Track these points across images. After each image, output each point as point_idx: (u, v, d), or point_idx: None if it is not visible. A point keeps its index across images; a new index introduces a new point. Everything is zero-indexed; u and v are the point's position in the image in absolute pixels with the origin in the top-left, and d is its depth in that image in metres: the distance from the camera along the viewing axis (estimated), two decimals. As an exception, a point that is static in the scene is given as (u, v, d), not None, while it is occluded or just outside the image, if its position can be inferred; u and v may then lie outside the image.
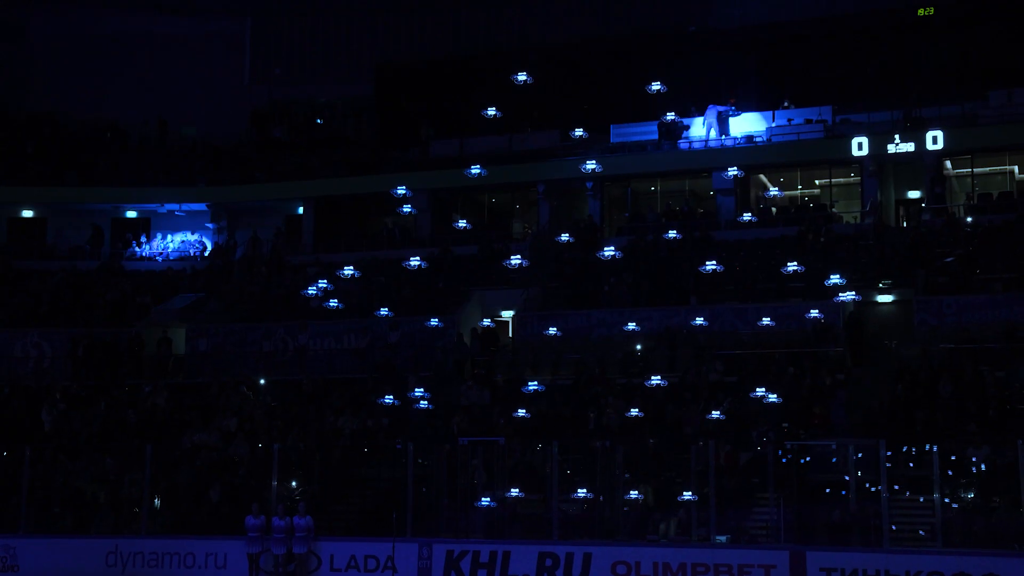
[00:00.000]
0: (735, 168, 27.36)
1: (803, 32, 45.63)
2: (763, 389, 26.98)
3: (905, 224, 41.99)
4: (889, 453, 25.01)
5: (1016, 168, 41.83)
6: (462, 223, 30.27)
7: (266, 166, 48.61)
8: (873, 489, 24.81)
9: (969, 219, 38.25)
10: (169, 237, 47.94)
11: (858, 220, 40.46)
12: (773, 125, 43.17)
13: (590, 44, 47.57)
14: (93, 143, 50.53)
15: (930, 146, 39.63)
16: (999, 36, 43.24)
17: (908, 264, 35.90)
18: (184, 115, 50.53)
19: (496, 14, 50.58)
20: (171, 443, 32.77)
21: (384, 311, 31.16)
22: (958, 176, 42.22)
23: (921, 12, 44.63)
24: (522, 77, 24.05)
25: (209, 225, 47.89)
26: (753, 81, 44.72)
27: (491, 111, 25.91)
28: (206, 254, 46.70)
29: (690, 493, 25.81)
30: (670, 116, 26.71)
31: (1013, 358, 30.51)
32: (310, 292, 28.53)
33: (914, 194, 42.80)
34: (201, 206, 48.16)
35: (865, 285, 35.58)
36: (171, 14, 51.84)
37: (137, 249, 47.39)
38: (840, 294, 27.21)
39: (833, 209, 41.78)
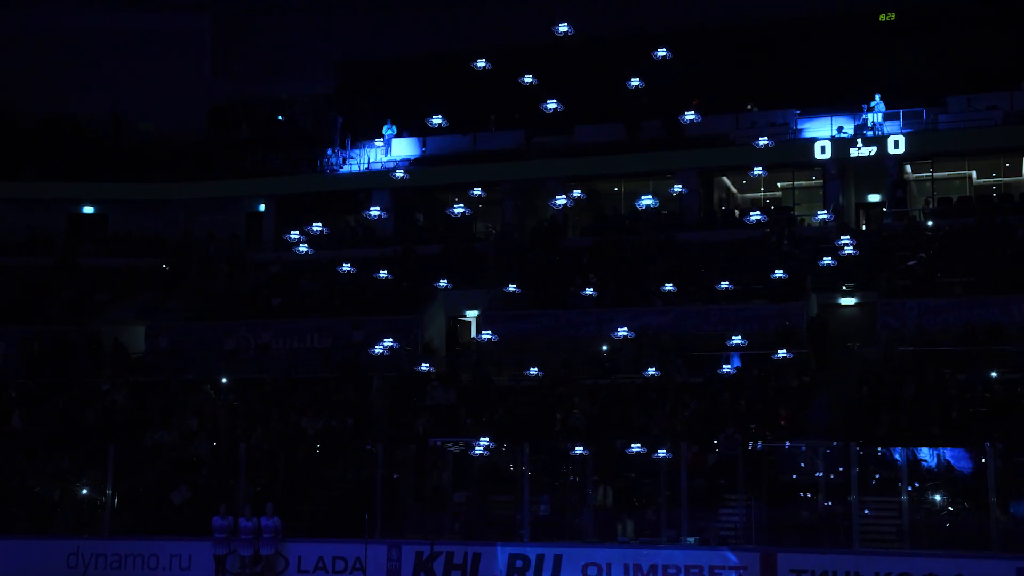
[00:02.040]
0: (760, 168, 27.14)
1: (766, 35, 45.87)
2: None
3: (864, 227, 42.37)
4: (859, 462, 25.16)
5: (974, 173, 42.30)
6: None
7: (226, 163, 48.15)
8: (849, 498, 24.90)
9: (930, 223, 38.59)
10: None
11: (821, 223, 40.65)
12: (737, 128, 43.29)
13: (554, 45, 47.37)
14: (49, 138, 49.77)
15: (892, 150, 39.96)
16: (958, 42, 43.68)
17: (871, 267, 36.13)
18: (143, 111, 49.85)
19: (458, 13, 50.33)
20: (131, 442, 32.37)
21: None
22: (917, 180, 42.60)
23: (882, 18, 45.04)
24: (528, 79, 23.63)
25: None
26: (718, 83, 44.91)
27: (436, 119, 25.39)
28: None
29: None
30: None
31: (974, 361, 30.86)
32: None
33: (874, 197, 43.15)
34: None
35: (828, 287, 35.97)
36: (130, 9, 51.13)
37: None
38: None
39: (795, 212, 42.03)
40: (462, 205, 26.19)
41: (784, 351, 28.62)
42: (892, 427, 28.22)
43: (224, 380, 36.06)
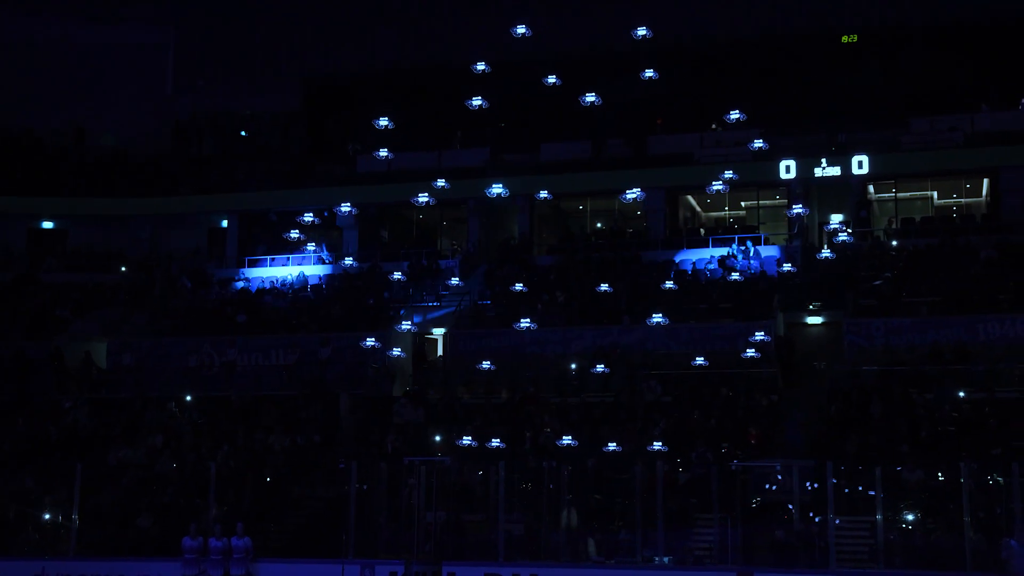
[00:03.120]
0: (721, 183, 27.28)
1: (730, 55, 46.21)
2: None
3: (827, 247, 42.61)
4: (835, 480, 25.28)
5: (936, 194, 42.79)
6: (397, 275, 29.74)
7: (190, 178, 47.78)
8: (817, 518, 25.01)
9: (894, 243, 38.97)
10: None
11: (785, 242, 41.00)
12: (702, 147, 43.53)
13: (521, 63, 47.53)
14: (8, 152, 49.20)
15: (856, 170, 40.34)
16: (920, 65, 44.24)
17: (836, 287, 36.41)
18: (105, 125, 49.51)
19: (424, 31, 50.44)
20: (95, 460, 31.96)
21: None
22: (880, 200, 43.02)
23: (845, 39, 45.59)
24: (476, 101, 23.93)
25: None
26: (681, 102, 45.14)
27: (383, 121, 25.34)
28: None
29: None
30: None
31: (941, 380, 31.14)
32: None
33: (837, 217, 43.48)
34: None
35: (795, 307, 36.19)
36: (92, 23, 50.72)
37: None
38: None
39: (759, 231, 42.30)
40: (426, 195, 25.76)
41: (752, 350, 28.87)
42: (861, 446, 28.42)
43: (189, 397, 35.73)
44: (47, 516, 30.33)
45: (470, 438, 28.70)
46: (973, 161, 40.76)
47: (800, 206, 33.65)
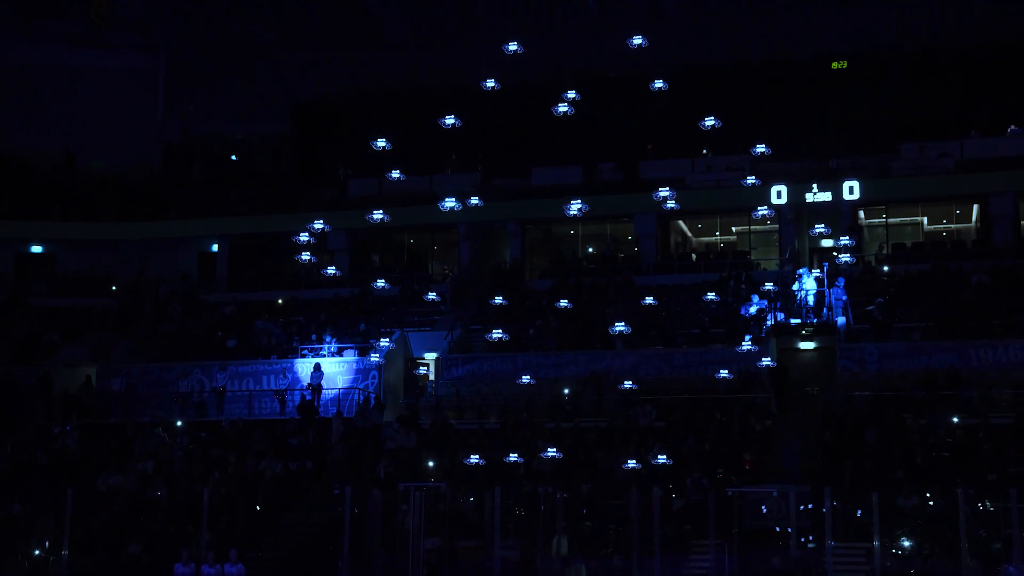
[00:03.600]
0: (767, 208, 26.97)
1: (719, 81, 46.27)
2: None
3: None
4: (834, 505, 25.24)
5: (926, 219, 42.92)
6: (381, 282, 29.69)
7: (180, 202, 47.65)
8: (811, 544, 24.94)
9: (886, 268, 39.03)
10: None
11: (777, 267, 41.03)
12: (693, 172, 43.60)
13: (512, 87, 47.61)
14: (-3, 175, 49.12)
15: (847, 196, 40.40)
16: (909, 91, 44.39)
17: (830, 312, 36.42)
18: (95, 149, 49.29)
19: (414, 55, 50.40)
20: (85, 486, 31.72)
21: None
22: (870, 226, 43.12)
23: (835, 65, 45.75)
24: (450, 121, 23.84)
25: None
26: (672, 126, 45.14)
27: (381, 142, 24.91)
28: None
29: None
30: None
31: (934, 405, 31.14)
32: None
33: (827, 243, 43.53)
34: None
35: (787, 332, 36.18)
36: (83, 47, 50.62)
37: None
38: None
39: (751, 256, 42.36)
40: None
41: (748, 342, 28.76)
42: (856, 472, 28.38)
43: (179, 423, 35.54)
44: (36, 543, 30.01)
45: (477, 456, 28.38)
46: (963, 187, 40.91)
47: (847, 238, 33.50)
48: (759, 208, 24.96)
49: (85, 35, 50.99)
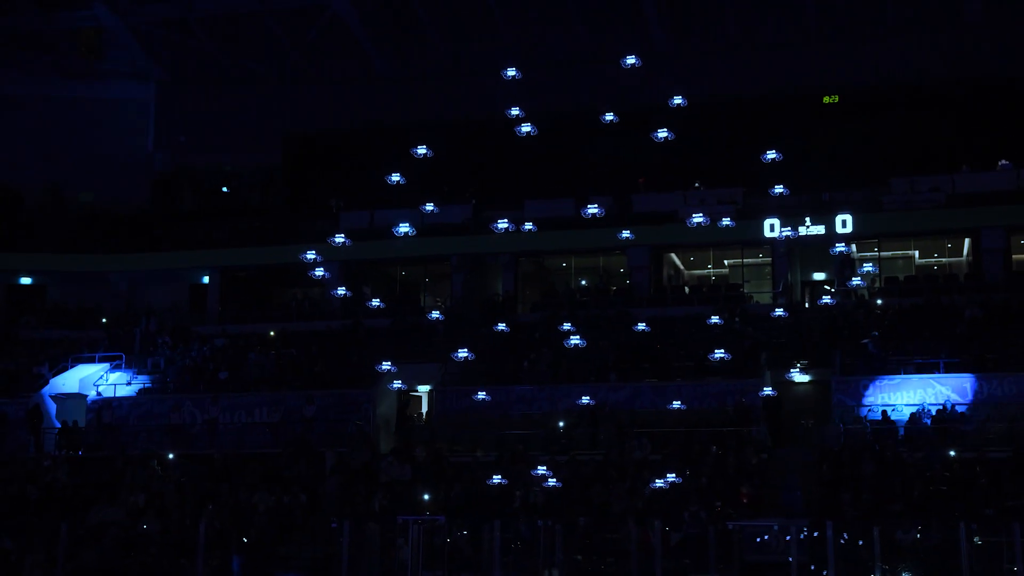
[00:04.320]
0: (844, 245, 26.98)
1: (712, 115, 46.37)
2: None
3: (807, 305, 42.73)
4: (818, 533, 25.13)
5: (917, 253, 43.06)
6: (375, 301, 29.62)
7: (170, 234, 47.51)
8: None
9: (879, 301, 39.09)
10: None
11: (770, 300, 41.06)
12: (686, 205, 43.62)
13: (500, 121, 47.75)
14: (-15, 207, 48.91)
15: (840, 229, 40.49)
16: (900, 125, 44.66)
17: (823, 345, 36.43)
18: (85, 181, 49.20)
19: (405, 88, 50.44)
20: (76, 520, 31.39)
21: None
22: (862, 259, 43.20)
23: (826, 100, 45.96)
24: (421, 151, 23.92)
25: None
26: (663, 161, 45.23)
27: (395, 177, 25.07)
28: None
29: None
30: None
31: (930, 439, 31.13)
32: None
33: (819, 275, 43.69)
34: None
35: (782, 364, 36.16)
36: (73, 78, 50.54)
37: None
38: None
39: (744, 289, 42.39)
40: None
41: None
42: (855, 505, 28.31)
43: (171, 455, 35.25)
44: (28, 577, 29.66)
45: (500, 476, 28.15)
46: (954, 221, 41.15)
47: (843, 246, 33.62)
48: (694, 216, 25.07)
49: (75, 66, 50.95)
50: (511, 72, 22.50)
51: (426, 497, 31.21)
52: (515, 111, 22.58)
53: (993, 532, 25.11)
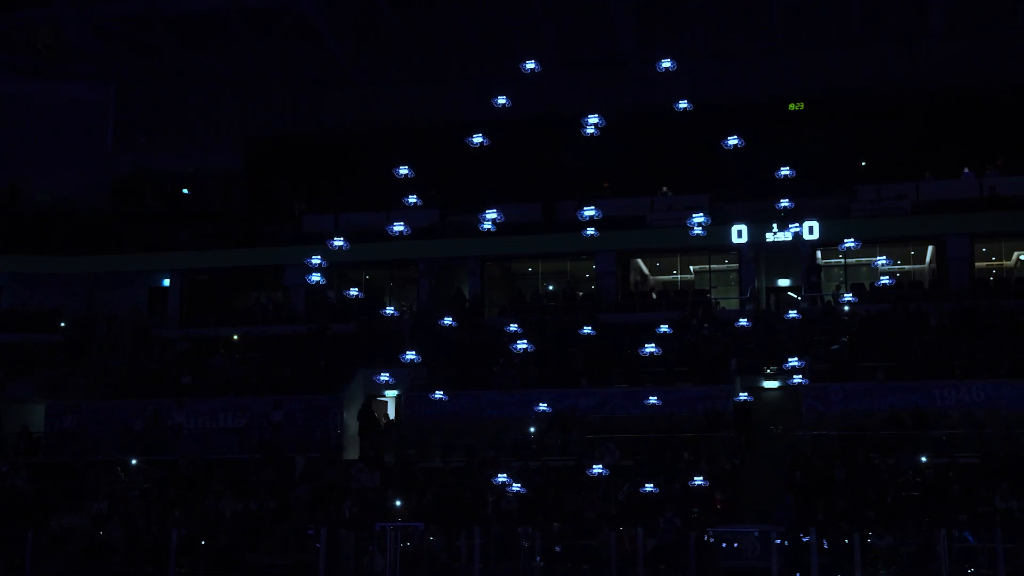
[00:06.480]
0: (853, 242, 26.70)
1: (678, 121, 46.28)
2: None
3: (774, 310, 42.79)
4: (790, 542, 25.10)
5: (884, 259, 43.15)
6: (354, 291, 29.19)
7: (130, 236, 46.73)
8: None
9: (846, 308, 39.15)
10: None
11: (737, 306, 41.08)
12: (652, 211, 43.62)
13: (468, 125, 47.44)
14: (-63, 206, 47.87)
15: (807, 236, 40.49)
16: (866, 133, 44.88)
17: (791, 351, 36.38)
18: (42, 181, 48.30)
19: (369, 92, 49.99)
20: (37, 528, 30.77)
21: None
22: (827, 266, 43.33)
23: (792, 107, 46.08)
24: (403, 171, 23.54)
25: None
26: (630, 166, 45.27)
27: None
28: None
29: None
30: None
31: (901, 445, 31.25)
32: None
33: (784, 281, 43.77)
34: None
35: (751, 371, 36.20)
36: (30, 77, 49.62)
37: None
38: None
39: (710, 295, 42.37)
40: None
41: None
42: (828, 511, 28.34)
43: (134, 462, 34.65)
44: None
45: (505, 475, 27.78)
46: (920, 229, 41.31)
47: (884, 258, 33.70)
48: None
49: (33, 65, 50.06)
50: (530, 64, 22.00)
51: (397, 503, 30.89)
52: (501, 99, 21.92)
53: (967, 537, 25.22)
